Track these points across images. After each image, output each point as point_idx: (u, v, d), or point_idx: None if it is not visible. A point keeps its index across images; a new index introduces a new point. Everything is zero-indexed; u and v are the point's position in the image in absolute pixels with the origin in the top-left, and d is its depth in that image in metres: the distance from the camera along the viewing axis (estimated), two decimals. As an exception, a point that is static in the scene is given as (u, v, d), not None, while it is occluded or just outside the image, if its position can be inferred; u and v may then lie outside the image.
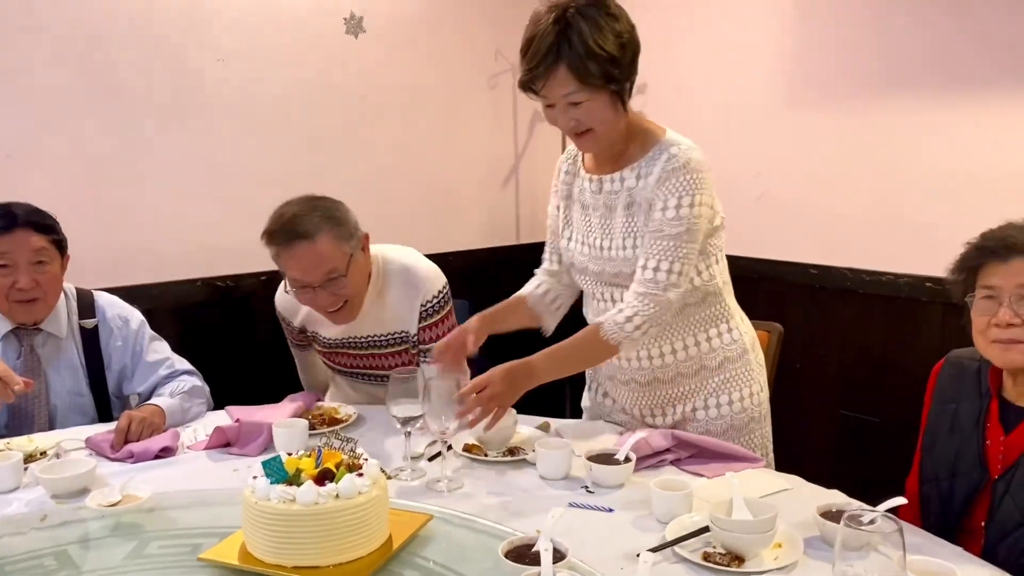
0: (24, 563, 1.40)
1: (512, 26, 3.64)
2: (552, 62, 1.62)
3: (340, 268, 2.03)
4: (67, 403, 2.15)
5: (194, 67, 2.89)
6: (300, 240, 1.99)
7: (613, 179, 1.80)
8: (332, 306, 2.08)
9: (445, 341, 1.89)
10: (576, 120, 1.68)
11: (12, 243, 2.01)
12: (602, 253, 1.82)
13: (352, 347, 2.24)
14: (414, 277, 2.19)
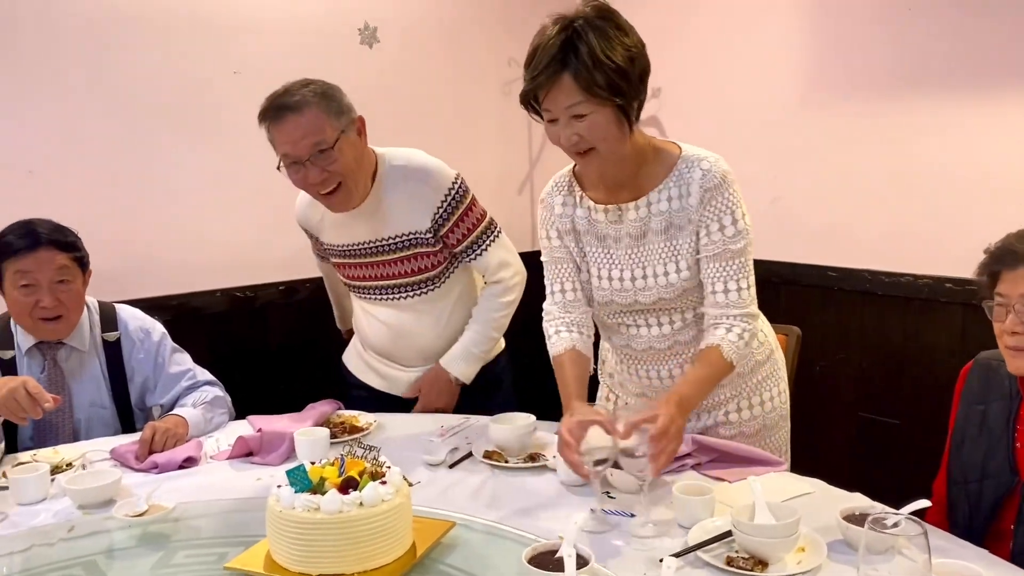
0: (55, 573, 1.42)
1: (525, 34, 3.62)
2: (557, 70, 1.55)
3: (328, 141, 2.00)
4: (91, 415, 2.17)
5: (210, 80, 2.92)
6: (288, 112, 2.00)
7: (638, 206, 1.73)
8: (324, 186, 2.04)
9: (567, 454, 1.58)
10: (579, 136, 1.59)
11: (35, 262, 2.04)
12: (633, 284, 1.77)
13: (363, 254, 2.21)
14: (425, 173, 2.15)
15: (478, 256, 2.23)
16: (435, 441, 1.98)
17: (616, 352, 1.94)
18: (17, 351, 2.11)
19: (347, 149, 2.04)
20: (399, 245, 2.18)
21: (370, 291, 2.27)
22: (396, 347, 2.29)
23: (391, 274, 2.20)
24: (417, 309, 2.24)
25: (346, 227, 2.20)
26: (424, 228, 2.15)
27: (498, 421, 1.91)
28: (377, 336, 2.30)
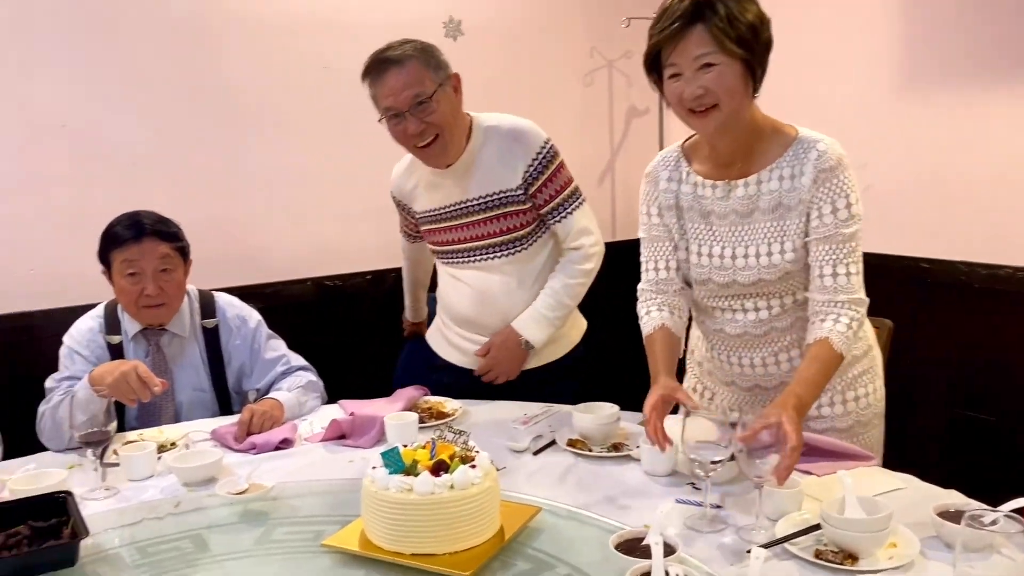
0: (165, 545, 1.50)
1: (606, 25, 3.69)
2: (688, 22, 1.57)
3: (426, 92, 2.07)
4: (191, 398, 2.27)
5: (301, 76, 3.01)
6: (391, 65, 2.08)
7: (747, 183, 1.71)
8: (421, 137, 2.11)
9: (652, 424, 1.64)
10: (704, 88, 1.58)
11: (140, 252, 2.14)
12: (734, 263, 1.75)
13: (454, 216, 2.24)
14: (518, 131, 2.20)
15: (563, 219, 2.25)
16: (519, 428, 2.01)
17: (708, 338, 1.93)
18: (124, 336, 2.22)
19: (444, 102, 2.11)
20: (490, 204, 2.21)
21: (459, 254, 2.29)
22: (481, 313, 2.29)
23: (480, 235, 2.24)
24: (504, 271, 2.26)
25: (438, 190, 2.26)
26: (515, 185, 2.19)
27: (582, 410, 1.93)
28: (463, 302, 2.31)
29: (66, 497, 1.53)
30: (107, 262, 2.18)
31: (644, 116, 3.95)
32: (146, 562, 1.44)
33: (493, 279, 2.27)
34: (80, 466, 1.86)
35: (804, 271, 1.73)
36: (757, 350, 1.83)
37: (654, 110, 3.86)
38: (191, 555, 1.46)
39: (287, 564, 1.42)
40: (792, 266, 1.72)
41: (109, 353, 2.18)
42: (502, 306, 2.27)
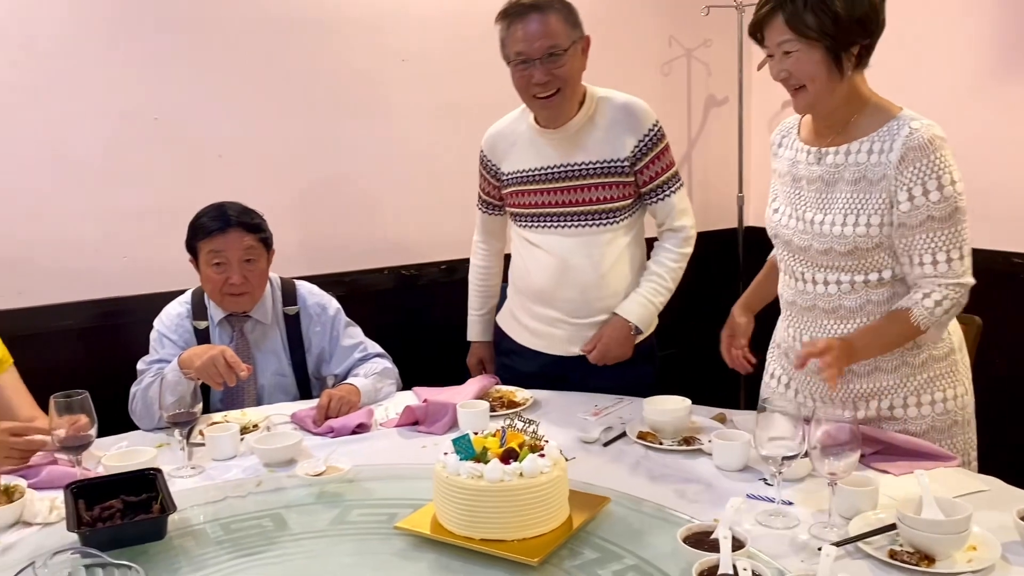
0: (247, 522, 1.57)
1: (686, 13, 3.64)
2: (772, 9, 1.66)
3: (561, 46, 2.09)
4: (272, 383, 2.35)
5: (380, 68, 3.06)
6: (533, 12, 2.10)
7: (838, 151, 1.75)
8: (545, 88, 2.12)
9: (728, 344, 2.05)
10: (787, 72, 1.69)
11: (226, 243, 2.22)
12: (812, 227, 1.78)
13: (550, 179, 2.24)
14: (631, 107, 2.22)
15: (664, 198, 2.25)
16: (589, 420, 2.03)
17: (784, 312, 1.94)
18: (210, 322, 2.31)
19: (573, 59, 2.13)
20: (593, 171, 2.21)
21: (546, 218, 2.27)
22: (559, 284, 2.26)
23: (576, 200, 2.23)
24: (589, 242, 2.24)
25: (538, 151, 2.26)
26: (623, 156, 2.20)
27: (653, 403, 1.93)
28: (542, 274, 2.29)
29: (156, 474, 1.61)
30: (194, 251, 2.27)
31: (723, 105, 3.89)
32: (229, 538, 1.50)
33: (577, 249, 2.24)
34: (168, 445, 1.94)
35: (876, 251, 1.73)
36: (825, 328, 1.81)
37: (733, 99, 3.79)
38: (271, 532, 1.52)
39: (361, 545, 1.47)
40: (862, 241, 1.72)
41: (196, 338, 2.28)
42: (581, 279, 2.24)
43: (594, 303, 2.26)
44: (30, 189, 2.61)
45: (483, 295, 2.54)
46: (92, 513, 1.50)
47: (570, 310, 2.28)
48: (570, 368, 2.30)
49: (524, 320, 2.38)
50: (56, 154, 2.63)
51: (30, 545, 1.49)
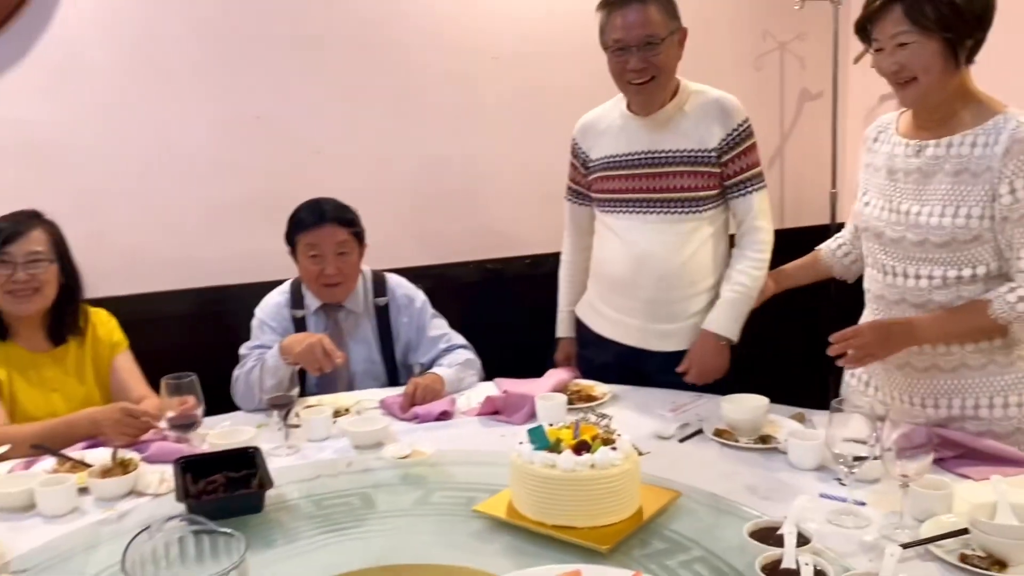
0: (338, 499, 1.67)
1: (780, 7, 3.59)
2: (889, 1, 1.67)
3: (659, 35, 2.13)
4: (363, 370, 2.47)
5: (472, 66, 3.15)
6: (634, 1, 2.14)
7: (938, 143, 1.75)
8: (640, 75, 2.16)
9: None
10: (900, 64, 1.69)
11: (321, 236, 2.35)
12: (907, 219, 1.78)
13: (638, 165, 2.27)
14: (723, 101, 2.24)
15: (745, 195, 2.26)
16: (667, 416, 2.06)
17: (870, 306, 1.94)
18: (307, 311, 2.44)
19: (670, 49, 2.17)
20: (680, 159, 2.24)
21: (629, 204, 2.30)
22: (636, 272, 2.28)
23: (661, 187, 2.25)
24: (671, 229, 2.25)
25: (628, 136, 2.29)
26: (710, 147, 2.22)
27: (730, 401, 1.95)
28: (619, 259, 2.31)
29: (255, 452, 1.73)
30: (293, 243, 2.40)
31: (817, 100, 3.82)
32: (320, 514, 1.61)
33: (657, 236, 2.26)
34: (266, 426, 2.07)
35: (973, 245, 1.71)
36: None
37: (828, 93, 3.73)
38: (359, 510, 1.63)
39: (441, 524, 1.55)
40: (961, 233, 1.71)
41: (293, 326, 2.41)
42: (660, 267, 2.25)
43: (672, 292, 2.26)
44: (144, 183, 2.80)
45: (572, 291, 2.55)
46: (198, 486, 1.63)
47: (647, 299, 2.28)
48: (644, 361, 2.32)
49: (601, 309, 2.40)
50: (168, 150, 2.81)
51: (143, 513, 1.64)
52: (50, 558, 1.48)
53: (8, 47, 2.61)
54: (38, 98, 2.65)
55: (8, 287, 2.05)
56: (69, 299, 2.19)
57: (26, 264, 2.06)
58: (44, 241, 2.12)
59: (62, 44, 2.65)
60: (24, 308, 2.08)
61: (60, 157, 2.69)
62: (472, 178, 3.21)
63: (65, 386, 2.17)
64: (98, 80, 2.71)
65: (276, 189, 2.87)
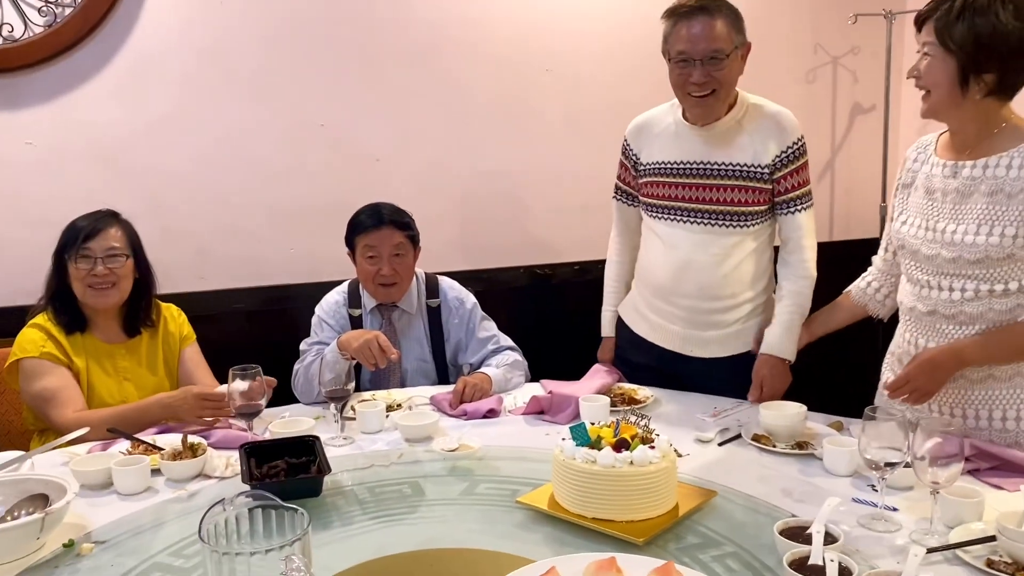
0: (389, 488, 1.78)
1: (831, 21, 3.62)
2: (930, 10, 1.75)
3: (724, 50, 2.13)
4: (415, 367, 2.58)
5: (526, 77, 3.25)
6: (702, 13, 2.14)
7: (975, 165, 1.79)
8: (702, 88, 2.16)
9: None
10: (918, 73, 1.78)
11: (379, 238, 2.46)
12: (942, 237, 1.82)
13: (689, 174, 2.29)
14: (780, 116, 2.26)
15: (795, 212, 2.28)
16: (707, 420, 2.12)
17: (903, 318, 1.98)
18: (363, 310, 2.56)
19: (733, 64, 2.18)
20: (732, 172, 2.25)
21: (677, 212, 2.32)
22: (678, 279, 2.31)
23: (710, 199, 2.27)
24: (716, 241, 2.28)
25: (681, 144, 2.30)
26: (764, 163, 2.23)
27: (769, 407, 2.01)
28: (663, 265, 2.34)
29: (315, 441, 1.84)
30: (352, 245, 2.52)
31: (869, 113, 3.84)
32: (373, 500, 1.72)
33: (702, 246, 2.28)
34: (323, 417, 2.19)
35: (1007, 262, 1.75)
36: (944, 334, 1.85)
37: (880, 107, 3.74)
38: (410, 498, 1.72)
39: (486, 514, 1.64)
40: (995, 251, 1.75)
41: (351, 324, 2.53)
42: (702, 276, 2.29)
43: (713, 303, 2.30)
44: (212, 186, 2.95)
45: (618, 291, 2.57)
46: (261, 470, 1.74)
47: (688, 307, 2.32)
48: (683, 366, 2.37)
49: (644, 312, 2.44)
50: (235, 155, 2.96)
51: (210, 493, 1.75)
52: (125, 531, 1.60)
53: (91, 56, 2.78)
54: (115, 104, 2.82)
55: (88, 281, 2.20)
56: (143, 293, 2.33)
57: (105, 259, 2.21)
58: (121, 238, 2.27)
59: (140, 54, 2.82)
60: (102, 301, 2.23)
61: (135, 160, 2.86)
62: (521, 186, 3.31)
63: (137, 376, 2.31)
64: (171, 88, 2.87)
65: (336, 194, 3.00)
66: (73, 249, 2.20)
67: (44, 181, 2.77)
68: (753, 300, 2.34)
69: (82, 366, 2.23)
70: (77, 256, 2.19)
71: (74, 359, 2.22)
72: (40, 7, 2.69)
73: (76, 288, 2.22)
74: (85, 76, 2.78)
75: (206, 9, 2.86)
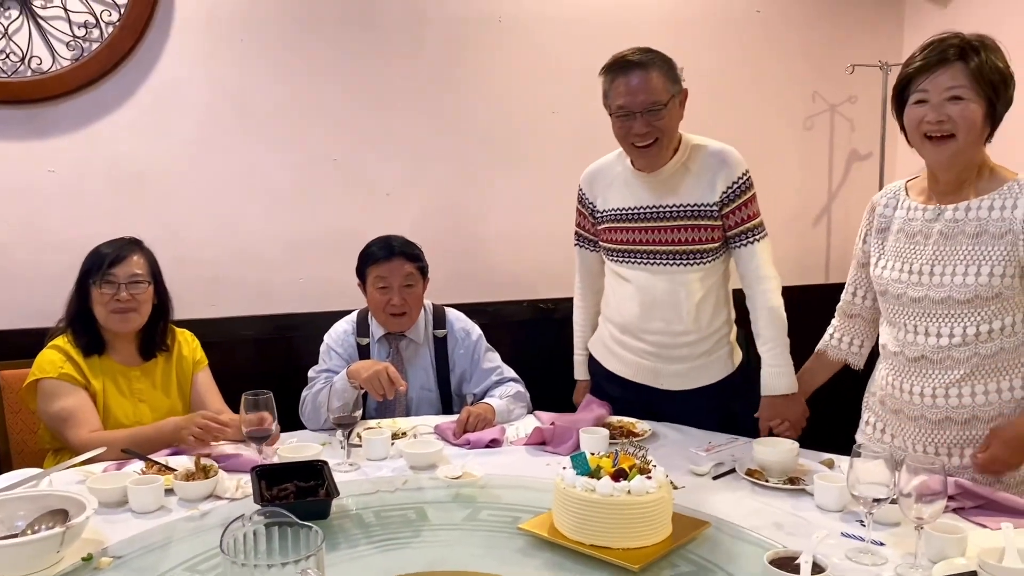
0: (395, 512, 1.84)
1: (830, 69, 3.74)
2: (952, 57, 1.79)
3: (662, 100, 2.21)
4: (420, 396, 2.65)
5: (532, 119, 3.35)
6: (635, 68, 2.22)
7: (957, 207, 1.87)
8: (644, 138, 2.24)
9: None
10: (947, 116, 1.79)
11: (390, 269, 2.55)
12: (930, 280, 1.89)
13: (643, 218, 2.37)
14: (724, 154, 2.33)
15: (748, 244, 2.34)
16: (702, 455, 2.18)
17: (887, 362, 2.03)
18: (371, 339, 2.64)
19: (672, 112, 2.26)
20: (683, 213, 2.33)
21: (637, 255, 2.40)
22: (643, 316, 2.39)
23: (666, 240, 2.35)
24: (677, 279, 2.36)
25: (632, 191, 2.39)
26: (712, 201, 2.31)
27: (763, 443, 2.07)
28: (629, 305, 2.41)
29: (323, 465, 1.91)
30: (363, 276, 2.60)
31: (866, 160, 3.94)
32: (379, 524, 1.78)
33: (664, 286, 2.36)
34: (329, 444, 2.25)
35: (995, 301, 1.83)
36: (930, 378, 1.91)
37: (876, 154, 3.85)
38: (415, 523, 1.78)
39: (489, 540, 1.70)
40: (983, 291, 1.82)
41: (358, 353, 2.60)
42: (666, 313, 2.37)
43: (679, 337, 2.38)
44: (227, 216, 3.04)
45: (584, 335, 2.67)
46: (271, 492, 1.81)
47: (655, 341, 2.40)
48: (654, 398, 2.45)
49: (613, 348, 2.51)
50: (250, 186, 3.06)
51: (221, 514, 1.82)
52: (140, 548, 1.66)
53: (115, 89, 2.89)
54: (136, 135, 2.93)
55: (111, 306, 2.28)
56: (160, 318, 2.41)
57: (128, 285, 2.29)
58: (143, 265, 2.35)
59: (162, 88, 2.93)
60: (124, 326, 2.31)
61: (154, 189, 2.96)
62: (526, 222, 3.40)
63: (152, 398, 2.38)
64: (191, 120, 2.97)
65: (347, 226, 3.09)
66: (98, 274, 2.28)
67: (65, 208, 2.87)
68: (718, 331, 2.42)
69: (99, 387, 2.30)
70: (102, 281, 2.28)
71: (91, 380, 2.29)
72: (68, 41, 2.80)
73: (98, 312, 2.30)
74: (109, 108, 2.89)
75: (226, 46, 2.97)
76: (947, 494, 1.53)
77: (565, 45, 3.36)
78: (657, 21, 3.45)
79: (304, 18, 3.06)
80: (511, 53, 3.30)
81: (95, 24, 2.81)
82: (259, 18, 3.01)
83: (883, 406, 2.03)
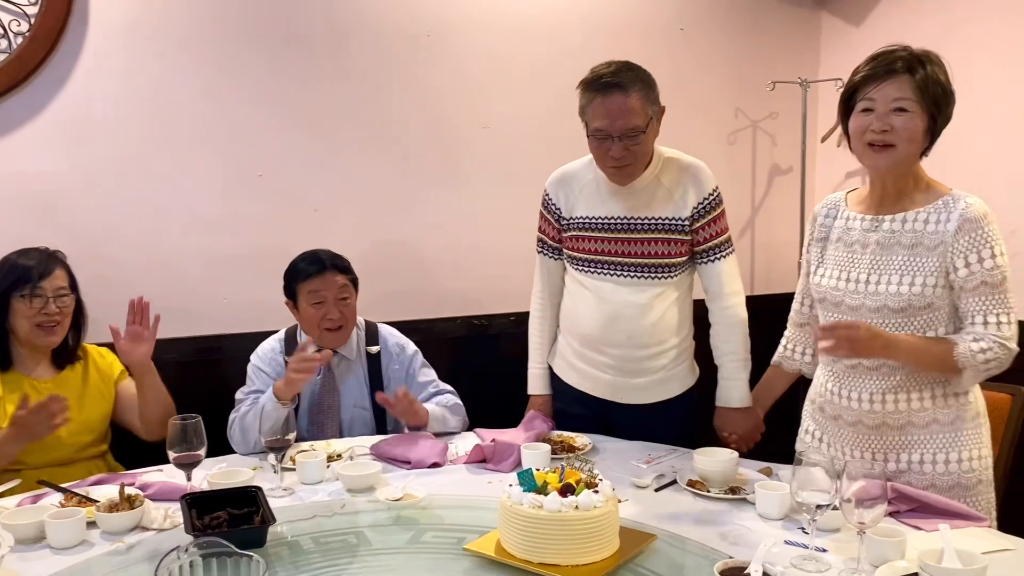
0: (334, 538, 1.77)
1: (752, 85, 3.83)
2: (901, 68, 1.83)
3: (641, 125, 2.19)
4: (353, 415, 2.58)
5: (463, 134, 3.33)
6: (616, 90, 2.17)
7: (894, 219, 1.92)
8: (621, 160, 2.22)
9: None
10: (890, 127, 1.84)
11: (323, 283, 2.48)
12: (866, 288, 1.93)
13: (613, 229, 2.35)
14: (696, 168, 2.35)
15: (715, 260, 2.37)
16: (643, 467, 2.18)
17: (826, 369, 2.07)
18: (301, 358, 2.56)
19: (650, 135, 2.25)
20: (654, 227, 2.33)
21: (603, 266, 2.38)
22: (606, 328, 2.37)
23: (636, 252, 2.34)
24: (642, 292, 2.35)
25: (603, 202, 2.37)
26: (683, 216, 2.32)
27: (703, 453, 2.08)
28: (591, 316, 2.39)
29: (257, 491, 1.83)
30: (292, 294, 2.53)
31: (787, 175, 4.05)
32: (318, 550, 1.71)
33: (629, 297, 2.35)
34: (261, 468, 2.17)
35: (927, 311, 1.88)
36: (867, 384, 1.95)
37: (797, 169, 3.95)
38: (355, 547, 1.73)
39: (433, 562, 1.66)
40: (916, 300, 1.88)
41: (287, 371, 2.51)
42: (628, 325, 2.35)
43: (641, 350, 2.38)
44: (148, 235, 2.92)
45: (543, 347, 2.57)
46: (202, 521, 1.72)
47: (617, 355, 2.39)
48: (612, 413, 2.45)
49: (573, 361, 2.49)
50: (172, 204, 2.94)
51: (149, 545, 1.72)
52: (60, 586, 1.56)
53: (25, 104, 2.74)
54: (50, 152, 2.78)
55: (38, 319, 2.20)
56: (76, 329, 2.35)
57: (56, 299, 2.23)
58: (65, 277, 2.31)
59: (76, 102, 2.79)
60: (50, 340, 2.25)
61: (69, 208, 2.81)
62: (459, 238, 3.37)
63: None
64: (108, 136, 2.84)
65: (274, 244, 3.00)
66: (27, 288, 2.21)
67: (-29, 227, 2.70)
68: (679, 346, 2.43)
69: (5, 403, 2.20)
70: (32, 295, 2.19)
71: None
72: (-29, 55, 2.65)
73: (20, 326, 2.22)
74: (17, 124, 2.74)
75: (146, 61, 2.86)
76: (887, 498, 1.56)
77: (493, 60, 3.36)
78: (583, 36, 3.47)
79: (227, 34, 2.97)
80: (439, 68, 3.28)
81: (2, 35, 2.67)
82: (180, 34, 2.90)
83: (822, 412, 2.07)
